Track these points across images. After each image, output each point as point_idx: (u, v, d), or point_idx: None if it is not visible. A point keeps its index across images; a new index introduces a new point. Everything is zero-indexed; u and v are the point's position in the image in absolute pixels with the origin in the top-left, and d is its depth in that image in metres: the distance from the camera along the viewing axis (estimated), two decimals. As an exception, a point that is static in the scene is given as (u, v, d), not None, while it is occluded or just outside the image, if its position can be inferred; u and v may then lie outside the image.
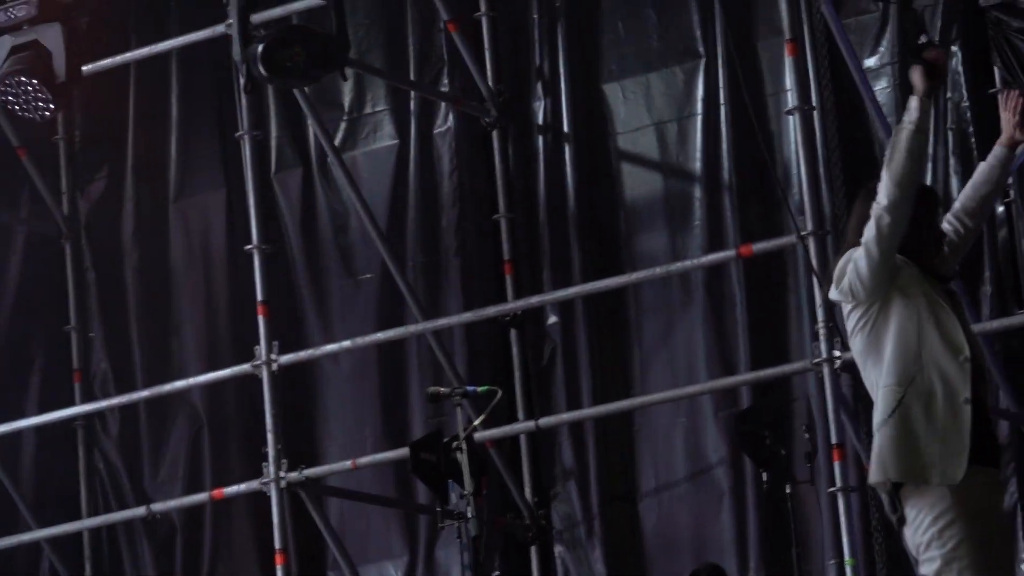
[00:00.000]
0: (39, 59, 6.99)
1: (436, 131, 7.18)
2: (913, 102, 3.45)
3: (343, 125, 7.29)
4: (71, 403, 7.65)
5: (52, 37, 7.00)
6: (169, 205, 7.77)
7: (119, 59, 7.17)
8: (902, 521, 3.64)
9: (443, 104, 7.23)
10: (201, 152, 7.57)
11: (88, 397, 7.71)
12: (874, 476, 3.60)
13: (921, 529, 3.53)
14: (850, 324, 3.65)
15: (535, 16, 7.17)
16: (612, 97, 6.82)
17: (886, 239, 3.43)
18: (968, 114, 6.30)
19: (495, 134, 7.10)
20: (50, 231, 7.78)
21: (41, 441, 7.77)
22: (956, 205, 3.74)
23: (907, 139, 3.45)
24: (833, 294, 3.61)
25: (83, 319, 7.70)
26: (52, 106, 6.98)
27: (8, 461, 7.67)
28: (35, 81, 6.89)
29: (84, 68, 6.99)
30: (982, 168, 3.75)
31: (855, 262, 3.50)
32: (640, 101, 6.77)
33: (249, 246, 6.79)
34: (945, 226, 3.72)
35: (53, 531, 7.43)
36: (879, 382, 3.59)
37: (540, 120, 6.97)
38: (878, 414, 3.59)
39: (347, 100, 7.30)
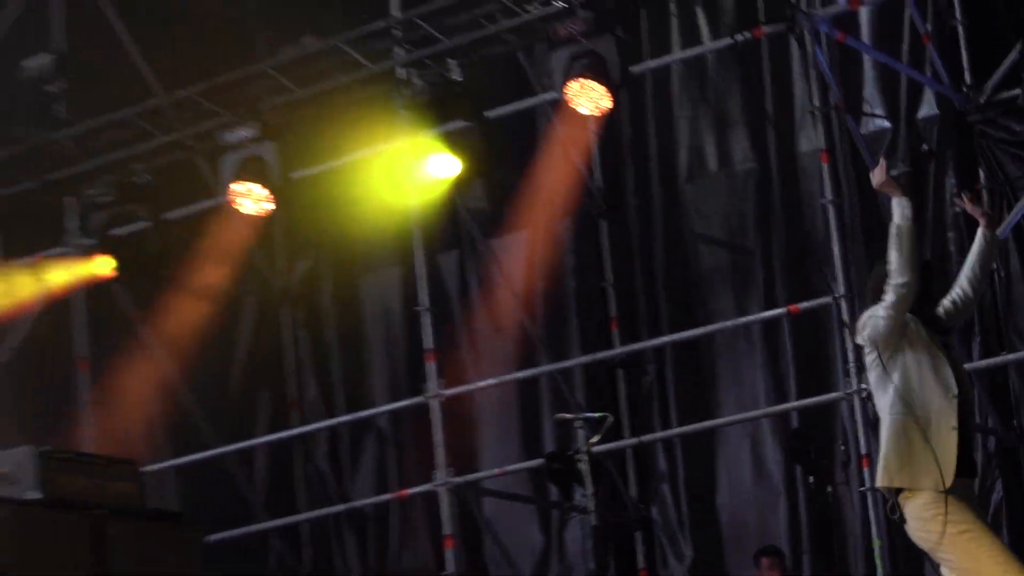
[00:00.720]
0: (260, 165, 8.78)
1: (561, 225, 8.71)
2: (903, 203, 4.21)
3: (484, 216, 8.89)
4: (290, 427, 9.41)
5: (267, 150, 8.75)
6: (359, 278, 9.51)
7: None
8: (902, 520, 4.32)
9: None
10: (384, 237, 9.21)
11: (303, 422, 9.42)
12: (880, 481, 4.30)
13: (921, 525, 4.24)
14: (867, 362, 4.38)
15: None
16: (691, 195, 8.40)
17: (900, 306, 4.17)
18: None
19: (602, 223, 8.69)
20: (270, 298, 9.74)
21: (270, 455, 9.53)
22: (960, 278, 4.45)
23: (908, 234, 4.14)
24: (858, 340, 4.41)
25: (298, 364, 9.61)
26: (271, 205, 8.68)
27: (244, 470, 9.46)
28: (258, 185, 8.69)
29: (293, 175, 8.84)
30: (974, 249, 4.44)
31: (875, 319, 4.26)
32: (710, 198, 8.35)
33: (419, 307, 8.45)
34: (954, 295, 4.43)
35: (278, 522, 9.15)
36: (887, 409, 4.32)
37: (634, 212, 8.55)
38: (884, 432, 4.33)
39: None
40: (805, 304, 7.60)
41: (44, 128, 9.75)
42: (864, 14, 7.91)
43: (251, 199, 8.76)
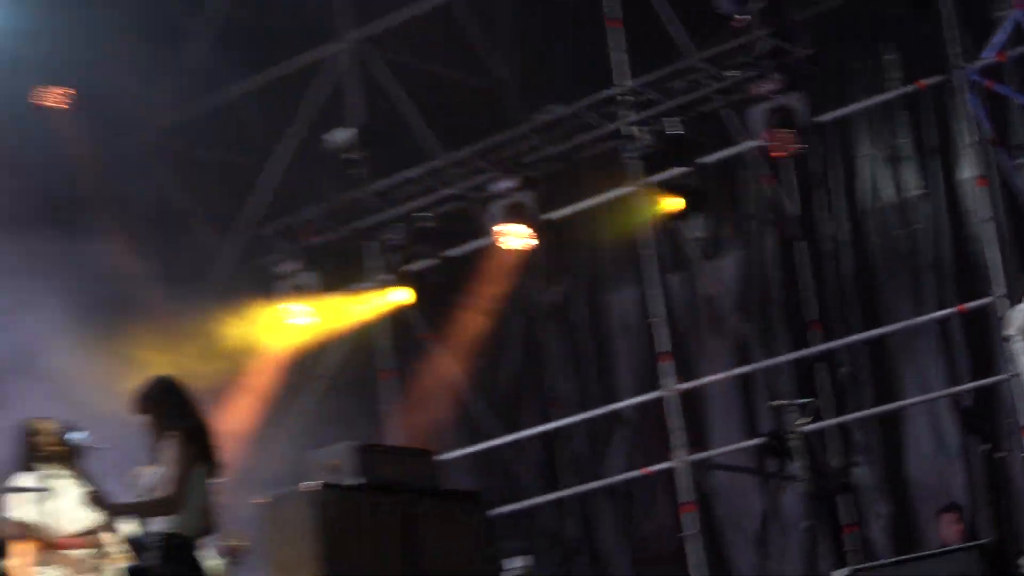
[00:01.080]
0: (522, 209, 10.15)
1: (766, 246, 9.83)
2: None
3: (703, 243, 10.02)
4: (553, 419, 10.39)
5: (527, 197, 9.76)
6: (605, 296, 10.61)
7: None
8: None
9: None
10: (623, 262, 10.40)
11: (563, 415, 10.33)
12: None
13: None
14: (1015, 349, 5.40)
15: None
16: (871, 218, 9.32)
17: None
18: None
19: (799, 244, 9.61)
20: (534, 314, 10.85)
21: (537, 442, 10.52)
22: None
23: None
24: (1008, 331, 5.41)
25: (557, 367, 10.75)
26: (533, 240, 9.78)
27: (517, 456, 10.54)
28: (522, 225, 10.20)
29: (549, 216, 9.90)
30: None
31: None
32: (888, 220, 9.29)
33: (654, 318, 9.52)
34: None
35: (546, 498, 10.26)
36: None
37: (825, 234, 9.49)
38: None
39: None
40: (971, 304, 8.55)
41: (348, 187, 10.66)
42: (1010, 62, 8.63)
43: (516, 237, 9.79)
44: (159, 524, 6.23)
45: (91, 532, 7.01)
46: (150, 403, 6.38)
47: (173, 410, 6.42)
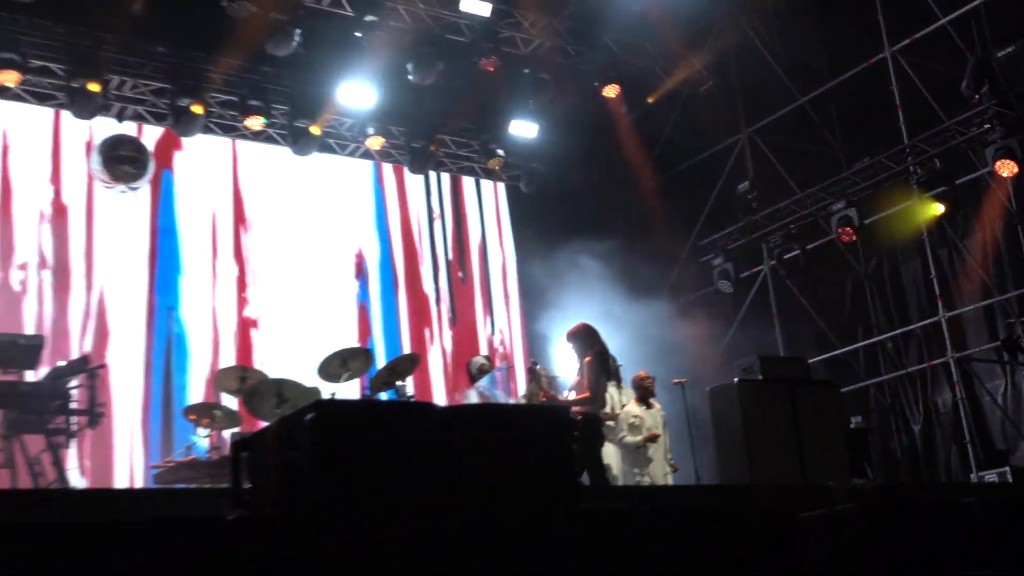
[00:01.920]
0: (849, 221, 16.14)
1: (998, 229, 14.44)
2: None
3: (957, 227, 14.67)
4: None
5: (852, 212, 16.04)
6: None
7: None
8: None
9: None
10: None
11: None
12: None
13: None
14: None
15: None
16: None
17: None
18: None
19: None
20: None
21: None
22: None
23: None
24: None
25: None
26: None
27: None
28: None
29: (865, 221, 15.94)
30: None
31: None
32: None
33: (931, 276, 14.24)
34: None
35: None
36: None
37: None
38: None
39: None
40: None
41: (748, 213, 14.79)
42: None
43: (846, 235, 15.62)
44: (583, 410, 8.15)
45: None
46: (577, 337, 8.53)
47: (587, 340, 8.42)
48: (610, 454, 10.22)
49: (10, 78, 12.39)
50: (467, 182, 16.51)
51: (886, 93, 13.99)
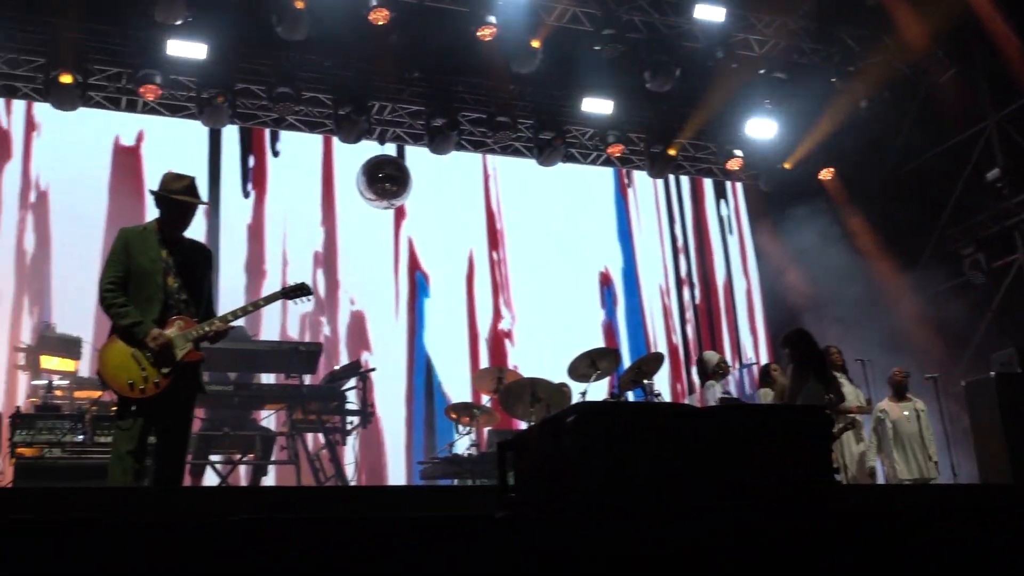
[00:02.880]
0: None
1: None
2: None
3: None
4: None
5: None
6: None
7: None
8: None
9: None
10: None
11: None
12: None
13: None
14: None
15: None
16: None
17: None
18: None
19: None
20: None
21: None
22: None
23: None
24: None
25: None
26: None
27: None
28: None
29: None
30: None
31: None
32: None
33: None
34: None
35: None
36: None
37: None
38: None
39: None
40: None
41: (997, 200, 13.76)
42: None
43: None
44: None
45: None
46: (788, 342, 8.55)
47: (798, 346, 8.40)
48: (850, 453, 9.85)
49: (286, 110, 13.15)
50: (706, 183, 16.47)
51: None
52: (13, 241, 12.50)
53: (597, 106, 13.97)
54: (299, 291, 6.87)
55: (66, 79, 12.14)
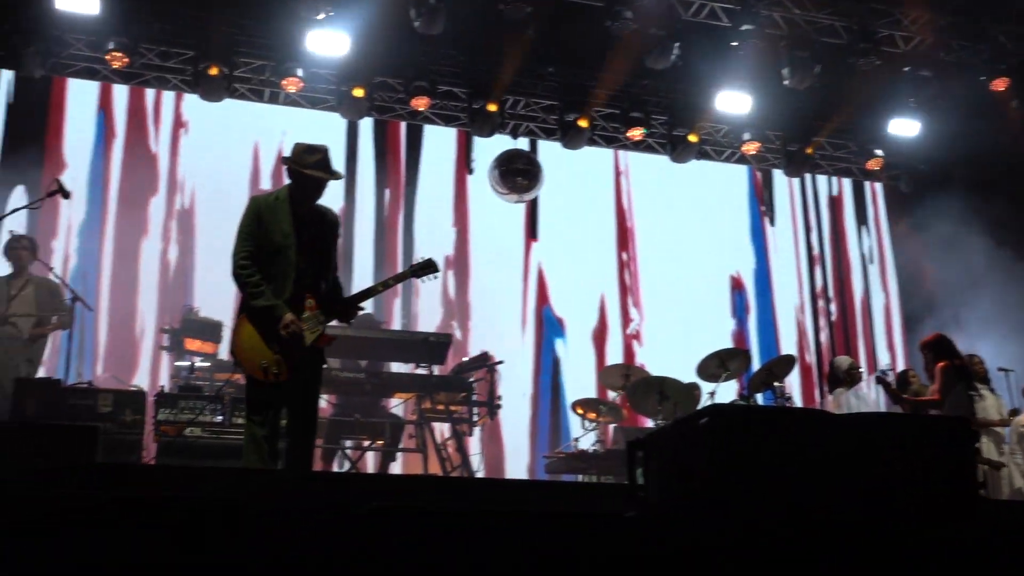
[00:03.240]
0: None
1: None
2: None
3: None
4: None
5: None
6: None
7: None
8: None
9: None
10: None
11: None
12: None
13: None
14: None
15: None
16: None
17: None
18: None
19: None
20: None
21: None
22: None
23: None
24: None
25: None
26: None
27: None
28: None
29: None
30: None
31: None
32: None
33: None
34: None
35: None
36: None
37: None
38: None
39: None
40: None
41: None
42: None
43: None
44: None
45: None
46: (928, 348, 8.92)
47: (939, 351, 8.69)
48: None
49: (422, 103, 13.34)
50: (844, 183, 16.09)
51: None
52: (160, 230, 12.98)
53: (733, 102, 13.73)
54: (427, 268, 6.81)
55: (213, 71, 12.53)
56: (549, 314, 14.20)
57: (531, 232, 14.54)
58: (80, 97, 13.15)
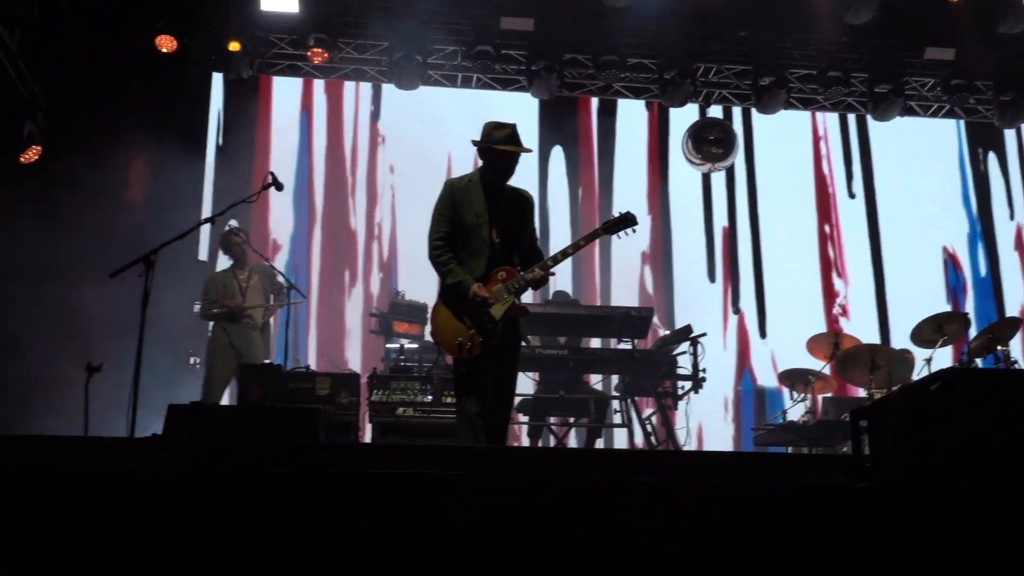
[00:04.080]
0: None
1: None
2: None
3: None
4: None
5: None
6: None
7: None
8: None
9: None
10: None
11: None
12: None
13: None
14: None
15: None
16: None
17: None
18: None
19: None
20: None
21: None
22: None
23: None
24: None
25: None
26: None
27: None
28: None
29: None
30: None
31: None
32: None
33: None
34: None
35: None
36: None
37: None
38: None
39: None
40: None
41: None
42: None
43: None
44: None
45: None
46: None
47: None
48: None
49: (611, 77, 13.24)
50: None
51: None
52: (363, 217, 13.39)
53: (939, 53, 12.98)
54: (623, 223, 6.64)
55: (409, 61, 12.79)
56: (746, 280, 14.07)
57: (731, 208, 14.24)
58: (286, 99, 13.73)
